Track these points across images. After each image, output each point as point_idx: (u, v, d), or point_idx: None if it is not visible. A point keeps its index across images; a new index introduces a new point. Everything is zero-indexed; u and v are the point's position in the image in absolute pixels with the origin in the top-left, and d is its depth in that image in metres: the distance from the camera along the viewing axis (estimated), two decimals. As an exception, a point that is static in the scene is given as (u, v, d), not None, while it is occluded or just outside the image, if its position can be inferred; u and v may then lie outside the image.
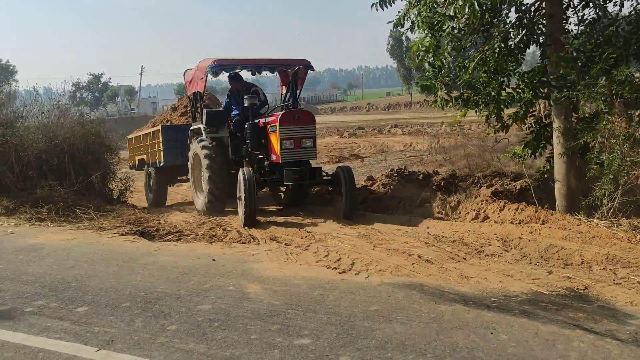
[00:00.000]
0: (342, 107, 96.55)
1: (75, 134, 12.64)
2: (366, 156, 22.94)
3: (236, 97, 10.15)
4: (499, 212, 8.02)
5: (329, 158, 22.38)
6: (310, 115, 9.13)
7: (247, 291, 5.27)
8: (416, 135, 33.97)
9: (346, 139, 34.02)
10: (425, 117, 59.67)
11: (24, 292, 5.55)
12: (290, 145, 8.60)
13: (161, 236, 8.36)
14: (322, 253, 6.56)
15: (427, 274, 5.49)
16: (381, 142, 30.81)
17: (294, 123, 8.65)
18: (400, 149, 26.38)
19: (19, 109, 14.02)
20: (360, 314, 4.47)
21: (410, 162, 18.35)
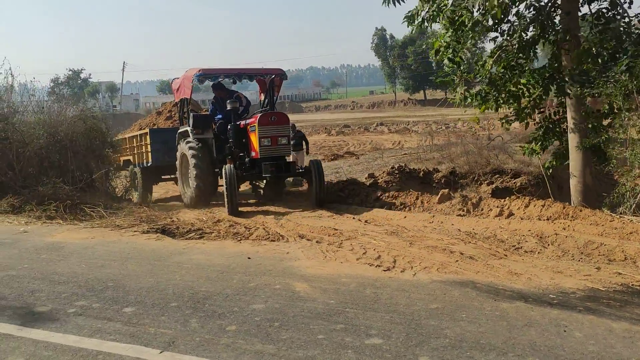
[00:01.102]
0: (326, 105, 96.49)
1: (77, 129, 12.34)
2: (361, 154, 22.91)
3: (220, 103, 11.19)
4: (524, 208, 8.03)
5: (324, 156, 22.32)
6: (285, 117, 10.32)
7: (296, 290, 5.17)
8: (404, 133, 34.19)
9: (334, 136, 34.04)
10: (409, 115, 60.13)
11: (60, 292, 5.35)
12: (267, 143, 9.73)
13: (182, 234, 8.20)
14: (359, 250, 6.48)
15: (475, 271, 5.45)
16: (369, 140, 30.90)
17: (271, 123, 9.81)
18: (390, 146, 26.46)
19: (14, 103, 13.63)
20: (423, 313, 4.41)
21: (406, 159, 18.37)
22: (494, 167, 15.12)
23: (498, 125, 33.20)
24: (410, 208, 9.92)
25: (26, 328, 4.44)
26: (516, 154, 16.88)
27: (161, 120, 17.51)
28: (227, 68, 11.71)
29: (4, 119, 11.96)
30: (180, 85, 11.46)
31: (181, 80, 11.43)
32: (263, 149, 9.71)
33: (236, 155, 10.31)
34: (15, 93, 14.09)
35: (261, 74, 11.52)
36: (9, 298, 5.20)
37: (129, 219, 9.31)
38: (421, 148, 23.11)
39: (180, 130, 11.36)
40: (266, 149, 9.74)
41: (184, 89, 11.09)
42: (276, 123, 9.93)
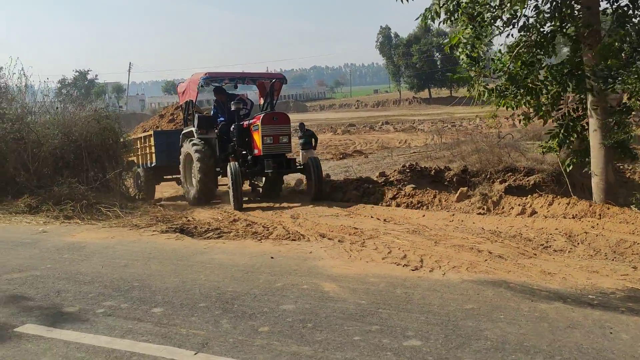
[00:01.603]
0: (330, 104, 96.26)
1: (91, 129, 12.32)
2: (369, 153, 22.80)
3: (221, 106, 11.73)
4: (547, 206, 7.94)
5: (332, 155, 22.25)
6: (286, 117, 10.89)
7: (324, 290, 5.09)
8: (410, 132, 34.02)
9: (340, 135, 33.89)
10: (415, 113, 59.92)
11: (86, 292, 5.30)
12: (270, 141, 10.28)
13: (200, 234, 8.15)
14: (384, 250, 6.40)
15: (506, 270, 5.36)
16: (376, 138, 30.72)
17: (273, 123, 10.38)
18: (397, 145, 26.33)
19: (28, 104, 13.61)
20: (458, 313, 4.32)
21: (416, 158, 18.27)
22: (506, 165, 14.99)
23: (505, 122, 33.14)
24: (428, 207, 9.84)
25: (56, 329, 4.38)
26: (528, 151, 16.79)
27: (164, 123, 17.91)
28: (231, 72, 12.29)
29: (18, 119, 11.94)
30: (186, 88, 11.92)
31: (187, 84, 11.92)
32: (265, 147, 10.25)
33: (239, 154, 10.79)
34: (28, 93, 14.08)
35: (263, 77, 12.26)
36: (36, 298, 5.15)
37: (145, 219, 9.28)
38: (430, 146, 23.03)
39: (185, 131, 11.86)
40: (268, 146, 10.28)
41: (189, 92, 11.59)
42: (278, 123, 10.50)
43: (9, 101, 13.17)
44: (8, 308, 4.91)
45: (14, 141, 11.41)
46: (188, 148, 11.15)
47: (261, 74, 12.67)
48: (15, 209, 9.82)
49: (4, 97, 13.05)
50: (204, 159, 10.71)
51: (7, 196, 10.74)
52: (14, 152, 11.27)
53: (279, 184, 11.62)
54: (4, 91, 13.21)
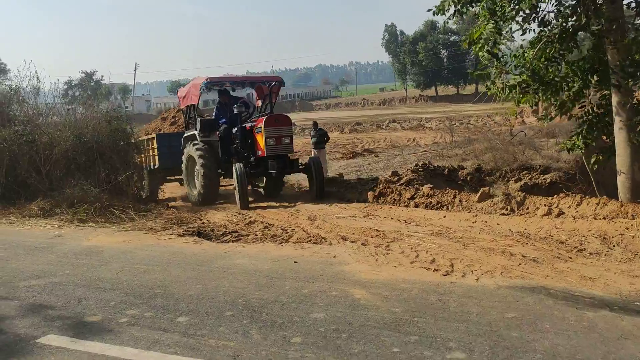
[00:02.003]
0: (336, 103, 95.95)
1: (102, 131, 12.18)
2: (379, 151, 22.58)
3: (224, 109, 11.86)
4: (575, 207, 7.70)
5: (342, 154, 22.06)
6: (288, 119, 11.16)
7: (355, 297, 4.89)
8: (418, 130, 33.76)
9: (347, 134, 33.66)
10: (421, 111, 59.65)
11: (108, 300, 5.13)
12: (273, 142, 10.55)
13: (218, 237, 8.00)
14: (411, 253, 6.20)
15: (543, 275, 5.15)
16: (383, 137, 30.44)
17: (275, 125, 10.65)
18: (405, 143, 26.09)
19: (39, 106, 13.50)
20: (500, 323, 4.11)
21: (427, 157, 18.07)
22: (521, 163, 14.76)
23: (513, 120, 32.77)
24: (448, 207, 9.62)
25: (80, 340, 4.22)
26: (542, 149, 16.53)
27: (166, 126, 18.11)
28: (232, 76, 13.25)
29: (30, 121, 11.82)
30: (187, 93, 12.10)
31: (188, 88, 12.12)
32: (269, 148, 10.53)
33: (242, 156, 11.00)
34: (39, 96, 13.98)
35: (262, 81, 12.53)
36: (56, 307, 4.99)
37: (160, 222, 9.14)
38: (440, 145, 22.79)
39: (187, 135, 12.07)
40: (272, 147, 10.57)
41: (190, 96, 11.80)
42: (280, 125, 10.78)
43: (20, 103, 13.08)
44: (29, 318, 4.75)
45: (25, 144, 11.28)
46: (191, 151, 11.35)
47: (260, 77, 13.43)
48: (28, 213, 9.69)
49: (15, 99, 12.96)
50: (206, 161, 10.92)
51: (19, 199, 10.61)
52: (26, 155, 11.14)
53: (280, 184, 11.85)
54: (14, 93, 13.12)
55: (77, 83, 75.52)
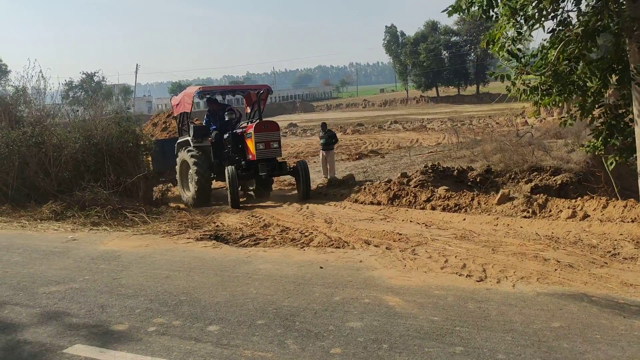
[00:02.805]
0: (337, 104, 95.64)
1: (112, 132, 12.01)
2: (385, 153, 22.42)
3: (214, 115, 12.41)
4: (601, 209, 7.54)
5: (348, 155, 21.90)
6: (276, 125, 11.79)
7: (389, 304, 4.74)
8: (421, 131, 33.61)
9: (350, 135, 33.45)
10: (422, 112, 59.52)
11: (132, 307, 4.97)
12: (262, 147, 11.18)
13: (235, 241, 7.84)
14: (439, 258, 6.04)
15: (581, 281, 5.00)
16: (386, 138, 30.27)
17: (264, 130, 11.33)
18: (408, 144, 25.92)
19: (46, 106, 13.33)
20: (547, 332, 3.96)
21: (434, 158, 17.91)
22: (531, 164, 14.63)
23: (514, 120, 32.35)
24: (466, 210, 9.46)
25: (109, 350, 4.07)
26: (552, 150, 16.40)
27: (157, 131, 18.31)
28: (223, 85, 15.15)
29: (38, 122, 11.66)
30: (180, 101, 12.62)
31: (181, 97, 12.65)
32: (259, 152, 11.16)
33: (233, 159, 11.61)
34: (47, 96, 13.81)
35: (251, 89, 13.17)
36: (80, 315, 4.83)
37: (174, 225, 8.98)
38: (445, 146, 22.65)
39: (180, 140, 12.55)
40: (261, 151, 11.20)
41: (184, 104, 12.32)
42: (269, 130, 11.43)
43: (27, 104, 12.92)
44: (52, 326, 4.59)
45: (34, 145, 11.11)
46: (184, 156, 11.85)
47: (249, 86, 14.64)
48: (40, 215, 9.51)
49: (22, 100, 12.79)
50: (200, 165, 11.41)
51: (29, 201, 10.44)
52: (35, 157, 10.97)
53: (269, 185, 12.34)
54: (22, 94, 12.95)
55: (78, 84, 75.25)
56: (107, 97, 63.75)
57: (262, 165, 11.26)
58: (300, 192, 11.53)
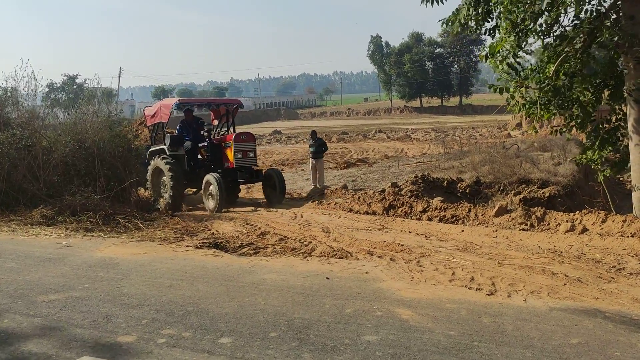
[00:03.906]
0: (322, 112, 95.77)
1: (104, 136, 11.81)
2: (373, 162, 22.48)
3: (187, 126, 13.12)
4: (600, 223, 7.61)
5: (336, 164, 21.91)
6: (253, 136, 12.81)
7: (402, 317, 4.68)
8: (405, 141, 33.82)
9: (335, 143, 33.50)
10: (406, 122, 59.95)
11: (138, 317, 4.83)
12: (240, 156, 12.10)
13: (235, 249, 7.73)
14: (446, 271, 6.02)
15: (592, 297, 5.01)
16: (371, 147, 30.39)
17: (242, 141, 12.26)
18: (393, 154, 26.06)
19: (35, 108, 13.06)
20: (567, 349, 3.95)
21: (422, 168, 18.00)
22: (519, 176, 14.78)
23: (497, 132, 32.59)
24: (463, 221, 9.49)
25: (119, 363, 3.93)
26: (539, 163, 16.60)
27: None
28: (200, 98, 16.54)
29: (27, 125, 11.39)
30: (156, 111, 13.25)
31: (157, 108, 13.30)
32: (237, 160, 12.08)
33: (209, 168, 12.38)
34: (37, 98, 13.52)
35: (225, 103, 14.38)
36: (84, 325, 4.67)
37: (169, 232, 8.84)
38: (432, 156, 22.78)
39: (153, 149, 13.18)
40: (239, 160, 12.11)
41: (160, 115, 12.98)
42: (246, 141, 12.39)
43: (15, 105, 12.63)
44: (56, 337, 4.43)
45: (24, 148, 10.84)
46: (159, 163, 12.41)
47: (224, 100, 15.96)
48: (30, 220, 9.25)
49: (11, 101, 12.50)
50: (175, 172, 12.02)
51: (19, 205, 10.16)
52: (24, 159, 10.71)
53: (237, 192, 13.10)
54: (10, 95, 12.65)
55: (60, 86, 74.18)
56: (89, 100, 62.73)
57: (240, 173, 12.15)
58: (277, 197, 12.33)
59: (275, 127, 51.24)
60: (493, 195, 13.86)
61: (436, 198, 11.41)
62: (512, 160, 16.28)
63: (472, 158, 17.71)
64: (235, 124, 14.15)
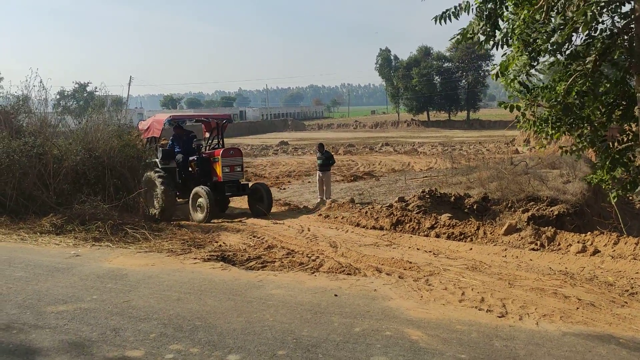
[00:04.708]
0: (329, 123, 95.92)
1: (114, 146, 11.87)
2: (380, 175, 22.43)
3: (178, 140, 13.71)
4: (612, 245, 7.54)
5: (343, 177, 21.88)
6: (240, 151, 13.47)
7: (412, 338, 4.63)
8: (412, 155, 33.76)
9: (342, 156, 33.50)
10: (413, 136, 59.96)
11: (146, 331, 4.81)
12: (228, 170, 12.65)
13: (242, 262, 7.72)
14: (456, 290, 5.97)
15: (605, 322, 4.95)
16: (378, 160, 30.35)
17: (230, 156, 12.83)
18: (400, 167, 26.02)
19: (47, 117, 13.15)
20: (580, 374, 3.89)
21: (429, 182, 17.94)
22: (528, 193, 14.69)
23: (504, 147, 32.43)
24: (472, 239, 9.44)
25: (128, 379, 3.90)
26: (548, 180, 16.50)
27: None
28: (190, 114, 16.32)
29: (40, 133, 11.47)
30: (150, 126, 13.84)
31: (150, 123, 13.93)
32: (224, 174, 12.60)
33: (198, 181, 12.82)
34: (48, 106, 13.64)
35: (215, 118, 14.85)
36: (92, 338, 4.65)
37: (176, 243, 8.85)
38: (440, 171, 22.73)
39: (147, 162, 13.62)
40: (227, 174, 12.63)
41: (153, 129, 13.62)
42: (234, 156, 12.94)
43: (28, 113, 12.74)
44: (65, 350, 4.42)
45: (35, 156, 10.91)
46: (152, 176, 12.75)
47: (214, 115, 15.72)
48: (40, 229, 9.28)
49: (23, 109, 12.61)
50: (167, 185, 12.42)
51: (28, 213, 10.21)
52: (35, 167, 10.77)
53: (227, 204, 13.75)
54: (23, 103, 12.76)
55: (70, 93, 74.80)
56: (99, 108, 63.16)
57: (227, 186, 12.69)
58: (264, 207, 12.75)
59: (282, 138, 51.35)
60: (501, 212, 13.78)
61: (444, 214, 11.36)
62: (521, 177, 16.22)
63: (479, 174, 17.67)
64: (244, 133, 15.02)
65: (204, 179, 12.89)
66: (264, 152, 35.75)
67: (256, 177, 21.70)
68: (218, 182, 12.77)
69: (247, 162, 28.54)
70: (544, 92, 9.22)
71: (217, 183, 12.81)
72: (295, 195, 15.87)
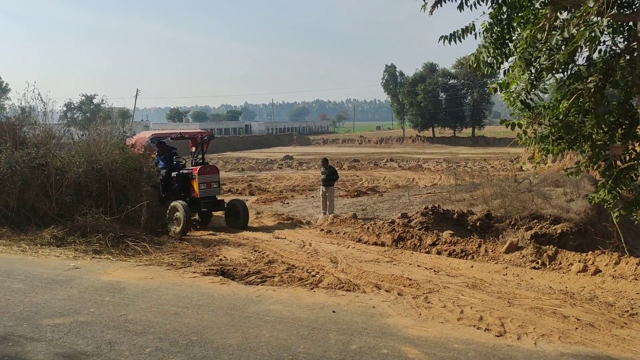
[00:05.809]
0: (334, 138, 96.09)
1: (116, 159, 11.92)
2: (383, 191, 22.39)
3: (162, 156, 14.13)
4: (613, 265, 7.48)
5: (346, 192, 21.86)
6: (216, 169, 14.08)
7: (408, 356, 4.60)
8: (417, 171, 33.72)
9: (346, 171, 33.48)
10: (418, 152, 59.97)
11: (142, 345, 4.79)
12: (204, 187, 13.15)
13: (242, 277, 7.69)
14: (454, 309, 5.93)
15: (604, 343, 4.90)
16: (382, 175, 30.30)
17: (206, 173, 13.33)
18: (404, 183, 25.97)
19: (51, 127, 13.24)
20: (577, 396, 3.84)
21: (432, 199, 17.89)
22: (531, 211, 14.61)
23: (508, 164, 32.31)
24: (473, 256, 9.39)
25: (121, 394, 3.88)
26: (551, 198, 16.43)
27: None
28: (172, 132, 15.99)
29: (42, 144, 11.55)
30: (134, 144, 14.15)
31: (135, 140, 14.38)
32: (201, 191, 13.12)
33: (179, 196, 13.30)
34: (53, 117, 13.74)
35: (197, 135, 15.28)
36: (88, 352, 4.64)
37: (177, 257, 8.83)
38: (444, 187, 22.69)
39: None
40: (203, 190, 13.15)
41: (138, 147, 13.90)
42: (210, 173, 13.43)
43: (32, 125, 12.83)
44: (60, 363, 4.41)
45: (38, 167, 10.97)
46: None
47: (196, 132, 16.19)
48: (40, 240, 9.30)
49: (27, 121, 12.71)
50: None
51: (29, 224, 10.24)
52: (37, 179, 10.82)
53: (209, 218, 14.07)
54: (27, 115, 12.87)
55: (77, 106, 75.29)
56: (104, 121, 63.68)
57: (203, 202, 13.19)
58: (241, 223, 13.19)
59: (287, 152, 51.49)
60: (504, 230, 13.70)
61: (446, 231, 11.32)
62: (524, 195, 16.15)
63: (483, 191, 17.61)
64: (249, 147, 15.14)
65: (184, 194, 13.39)
66: (268, 166, 35.82)
67: (260, 191, 21.68)
68: (196, 197, 13.26)
69: (251, 175, 28.66)
70: (546, 110, 9.26)
71: (195, 199, 13.29)
72: (298, 210, 15.85)
